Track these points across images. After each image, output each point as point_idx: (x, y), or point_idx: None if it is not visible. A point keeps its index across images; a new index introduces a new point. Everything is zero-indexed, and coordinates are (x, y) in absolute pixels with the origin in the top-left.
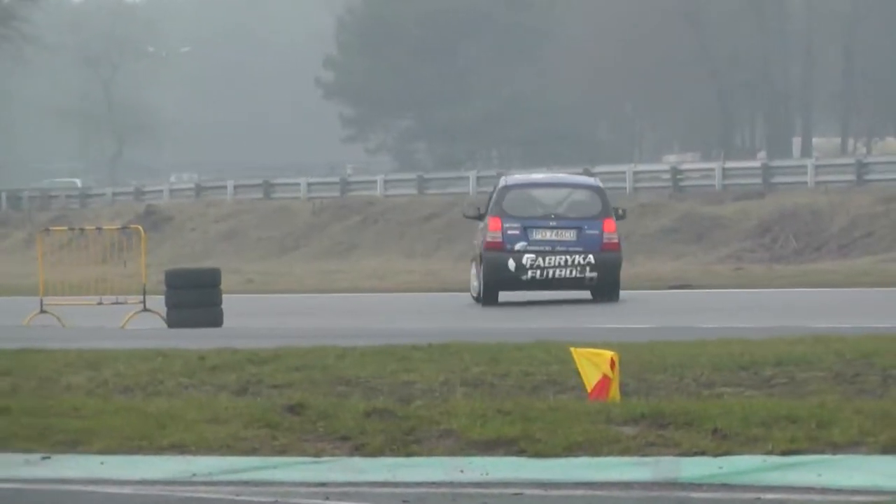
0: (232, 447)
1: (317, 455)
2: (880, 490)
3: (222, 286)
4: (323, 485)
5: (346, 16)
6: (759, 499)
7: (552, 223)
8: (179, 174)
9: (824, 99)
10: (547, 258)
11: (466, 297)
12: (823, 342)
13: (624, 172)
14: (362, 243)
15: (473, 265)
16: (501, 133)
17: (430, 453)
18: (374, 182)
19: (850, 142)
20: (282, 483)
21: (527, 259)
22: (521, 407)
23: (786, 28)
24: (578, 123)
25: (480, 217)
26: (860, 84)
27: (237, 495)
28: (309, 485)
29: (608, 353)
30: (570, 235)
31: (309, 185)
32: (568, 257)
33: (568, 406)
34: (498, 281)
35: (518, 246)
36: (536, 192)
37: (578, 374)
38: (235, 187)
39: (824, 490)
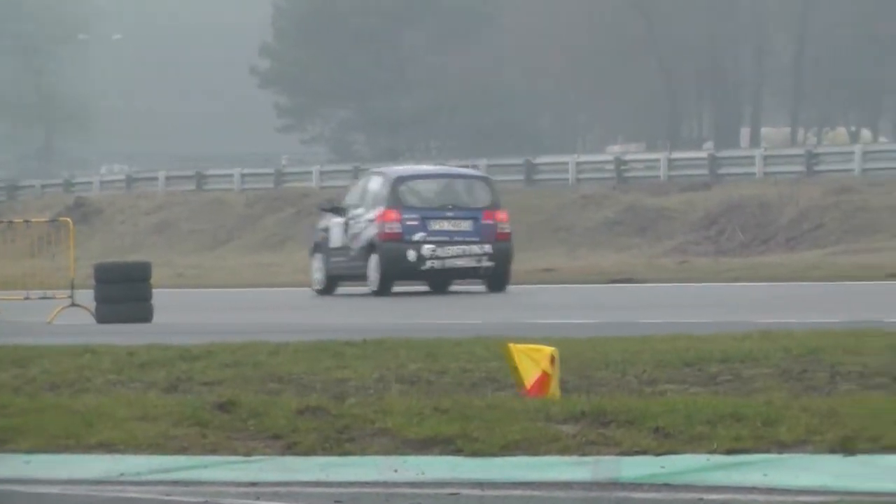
0: (161, 446)
1: (248, 454)
2: (827, 490)
3: (153, 280)
4: (254, 484)
5: (284, 2)
6: (701, 499)
7: (449, 214)
8: (110, 165)
9: (774, 88)
10: (445, 248)
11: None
12: (770, 338)
13: (567, 163)
14: (297, 236)
15: (316, 258)
16: (441, 123)
17: (364, 452)
18: (310, 173)
19: (800, 132)
20: (212, 483)
21: (426, 249)
22: (459, 405)
23: (735, 17)
24: (521, 113)
25: (337, 211)
26: (810, 73)
27: (167, 495)
28: (240, 484)
29: (548, 349)
30: (466, 226)
31: (243, 176)
32: (465, 247)
33: (506, 404)
34: (397, 272)
35: (417, 236)
36: (430, 184)
37: (516, 370)
38: (167, 178)
39: (770, 490)
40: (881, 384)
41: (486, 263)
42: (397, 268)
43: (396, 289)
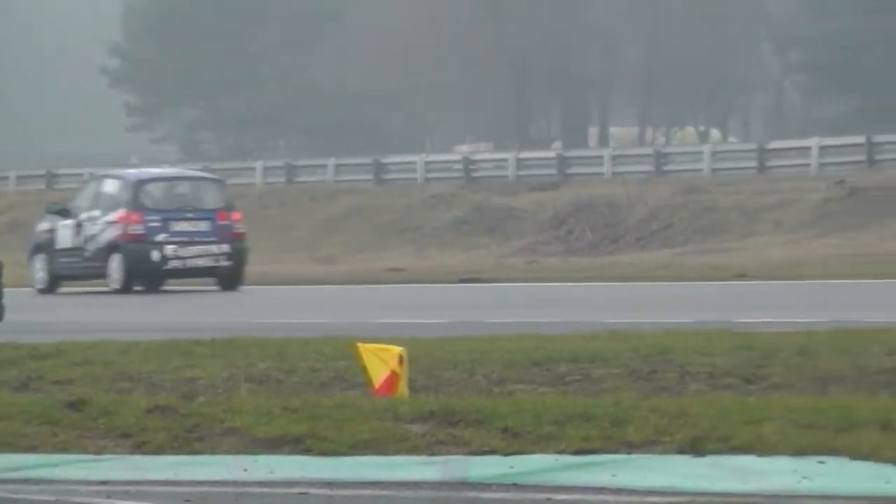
0: (12, 444)
1: (98, 452)
2: (676, 491)
3: (4, 279)
4: (104, 483)
5: (134, 1)
6: (550, 499)
7: (189, 215)
8: None
9: (622, 88)
10: (187, 248)
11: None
12: (619, 338)
13: (415, 163)
14: None
15: (38, 259)
16: (290, 122)
17: (214, 451)
18: None
19: (649, 132)
20: (63, 481)
21: (169, 250)
22: (308, 404)
23: (583, 16)
24: (369, 112)
25: (64, 213)
26: (659, 73)
27: (17, 493)
28: (90, 483)
29: (396, 349)
30: (204, 226)
31: (92, 175)
32: (205, 247)
33: (355, 403)
34: (141, 271)
35: (160, 237)
36: (168, 186)
37: (365, 370)
38: (18, 178)
39: (618, 490)
40: (730, 384)
41: (223, 263)
42: (141, 268)
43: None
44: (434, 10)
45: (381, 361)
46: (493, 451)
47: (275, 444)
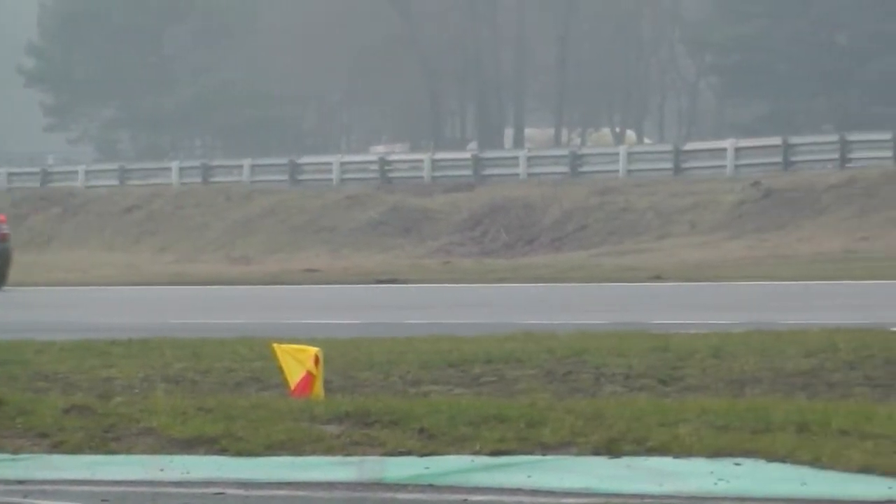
0: None
1: (15, 452)
2: (591, 492)
3: None
4: (21, 482)
5: (49, 0)
6: (466, 500)
7: None
8: None
9: (538, 89)
10: None
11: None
12: (535, 339)
13: (331, 164)
14: (62, 235)
15: None
16: (206, 122)
17: (130, 451)
18: (76, 173)
19: (564, 133)
20: None
21: None
22: (223, 404)
23: (498, 16)
24: (285, 112)
25: None
26: (574, 74)
27: None
28: (7, 482)
29: (312, 350)
30: None
31: (9, 175)
32: None
33: (271, 404)
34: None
35: None
36: None
37: (281, 370)
38: None
39: (534, 492)
40: (646, 385)
41: None
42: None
43: None
44: (347, 9)
45: (296, 362)
46: (408, 452)
47: (191, 445)
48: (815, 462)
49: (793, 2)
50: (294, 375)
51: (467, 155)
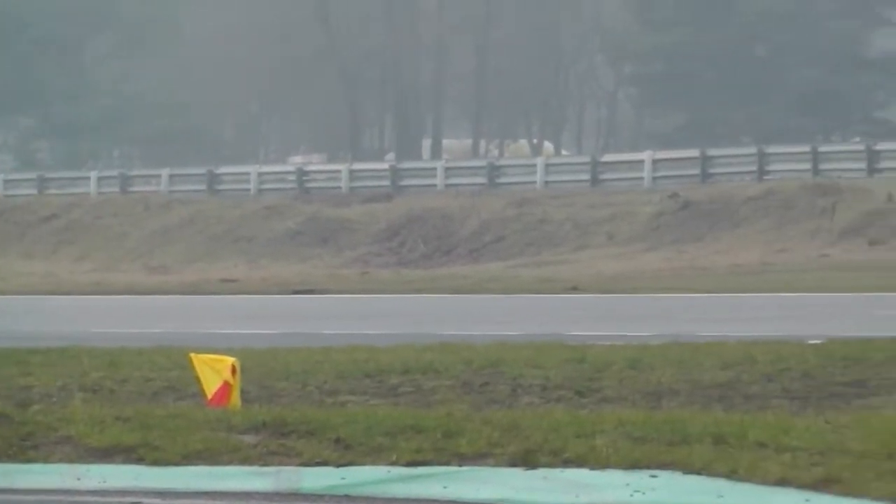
0: None
1: None
2: (507, 503)
3: None
4: None
5: None
6: None
7: None
8: None
9: (455, 100)
10: None
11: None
12: (451, 350)
13: (249, 174)
14: None
15: None
16: (125, 131)
17: (48, 460)
18: None
19: (482, 144)
20: None
21: None
22: (141, 414)
23: (416, 27)
24: (203, 122)
25: None
26: (492, 85)
27: None
28: None
29: (229, 360)
30: None
31: None
32: None
33: (188, 413)
34: None
35: None
36: None
37: (198, 380)
38: None
39: (450, 503)
40: (562, 397)
41: None
42: None
43: None
44: (265, 19)
45: (213, 372)
46: (325, 463)
47: (108, 454)
48: (732, 474)
49: (713, 13)
50: (211, 385)
51: (385, 166)
